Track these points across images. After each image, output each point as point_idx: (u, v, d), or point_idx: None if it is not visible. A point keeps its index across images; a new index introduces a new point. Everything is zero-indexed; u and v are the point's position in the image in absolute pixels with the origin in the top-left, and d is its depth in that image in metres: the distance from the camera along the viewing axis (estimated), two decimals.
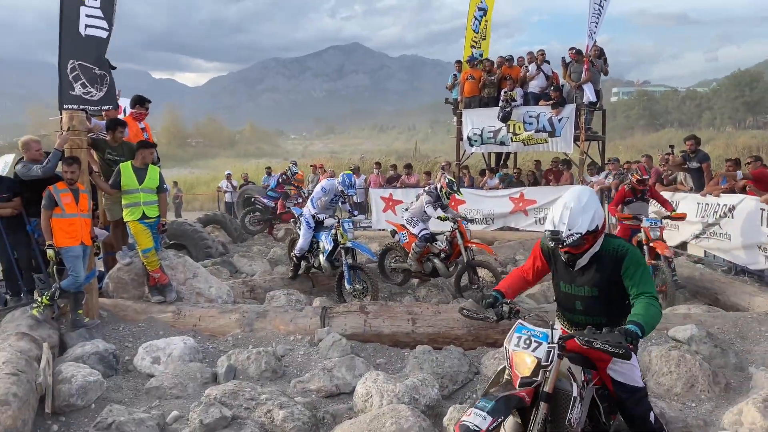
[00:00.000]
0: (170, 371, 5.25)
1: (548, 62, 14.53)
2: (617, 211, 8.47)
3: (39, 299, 6.03)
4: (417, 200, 9.02)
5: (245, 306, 6.79)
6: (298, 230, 8.78)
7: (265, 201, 14.71)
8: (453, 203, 15.26)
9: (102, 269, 7.51)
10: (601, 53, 13.82)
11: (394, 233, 9.10)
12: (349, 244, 7.91)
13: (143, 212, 6.65)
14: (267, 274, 10.11)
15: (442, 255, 8.48)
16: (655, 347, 5.29)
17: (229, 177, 20.79)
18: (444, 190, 8.58)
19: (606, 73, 14.33)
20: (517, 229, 13.74)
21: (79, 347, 5.51)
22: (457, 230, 8.32)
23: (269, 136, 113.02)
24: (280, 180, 14.82)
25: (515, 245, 12.33)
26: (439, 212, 8.68)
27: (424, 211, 8.61)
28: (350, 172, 8.64)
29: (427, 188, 9.12)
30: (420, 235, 8.51)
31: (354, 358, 5.37)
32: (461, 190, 10.49)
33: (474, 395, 5.17)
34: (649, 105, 74.99)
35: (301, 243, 8.42)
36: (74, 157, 6.09)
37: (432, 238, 8.60)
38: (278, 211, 14.35)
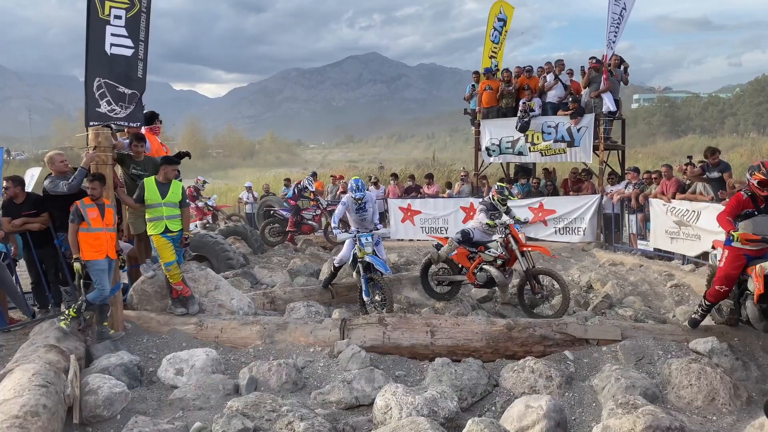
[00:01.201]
0: (193, 383, 5.34)
1: (569, 72, 14.52)
2: (731, 225, 5.70)
3: (66, 312, 6.19)
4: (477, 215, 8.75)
5: (266, 318, 6.87)
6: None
7: (284, 213, 14.87)
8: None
9: (126, 282, 7.66)
10: (621, 62, 13.78)
11: (438, 246, 8.83)
12: (367, 258, 7.84)
13: (166, 226, 6.77)
14: (287, 285, 10.20)
15: (498, 262, 8.09)
16: (675, 360, 5.27)
17: (249, 188, 20.99)
18: (496, 198, 8.44)
19: (626, 83, 14.29)
20: (536, 239, 13.71)
21: (105, 359, 5.64)
22: (510, 235, 7.99)
23: (288, 146, 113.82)
24: (295, 191, 14.98)
25: (535, 255, 12.27)
26: (485, 218, 8.37)
27: (483, 223, 8.36)
28: (358, 177, 8.52)
29: (480, 200, 9.08)
30: (453, 236, 8.38)
31: (373, 371, 5.42)
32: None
33: (493, 407, 5.19)
34: (670, 111, 74.32)
35: (343, 253, 8.37)
36: (96, 175, 6.25)
37: (467, 236, 8.39)
38: (287, 228, 14.55)
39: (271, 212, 15.54)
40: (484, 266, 8.15)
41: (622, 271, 10.99)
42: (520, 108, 14.22)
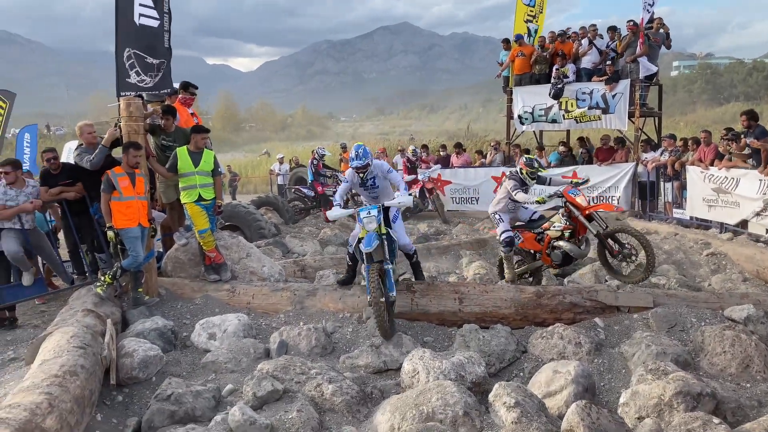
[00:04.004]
0: (225, 347, 5.46)
1: (601, 37, 14.10)
2: None
3: (102, 278, 6.37)
4: (500, 191, 7.71)
5: (296, 285, 6.96)
6: None
7: (305, 191, 15.03)
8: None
9: (161, 250, 7.83)
10: (661, 26, 13.29)
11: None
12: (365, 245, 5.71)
13: (199, 194, 6.86)
14: (317, 254, 10.31)
15: (566, 234, 7.20)
16: (709, 327, 5.17)
17: (281, 160, 21.18)
18: (525, 172, 7.46)
19: (669, 47, 13.77)
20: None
21: (140, 323, 5.80)
22: (567, 203, 7.12)
23: (320, 119, 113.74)
24: (312, 168, 15.06)
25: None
26: (531, 195, 7.53)
27: (512, 200, 7.44)
28: (360, 143, 6.47)
29: (508, 174, 8.01)
30: (501, 239, 7.42)
31: (401, 336, 5.46)
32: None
33: (521, 373, 5.19)
34: (712, 78, 71.72)
35: (353, 233, 6.65)
36: (131, 143, 6.36)
37: (511, 241, 7.45)
38: (310, 208, 14.71)
39: (293, 190, 15.77)
40: (555, 243, 7.29)
41: (657, 239, 10.77)
42: (553, 74, 13.91)
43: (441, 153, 16.54)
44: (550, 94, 13.88)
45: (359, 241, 5.81)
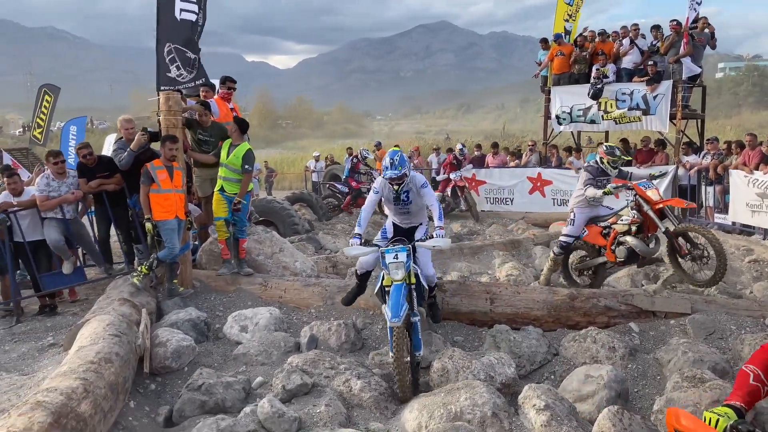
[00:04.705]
0: (256, 339, 5.52)
1: (643, 36, 13.79)
2: None
3: (138, 269, 6.51)
4: (578, 183, 7.28)
5: (327, 280, 7.00)
6: None
7: (339, 187, 15.09)
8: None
9: (196, 242, 7.96)
10: (706, 26, 12.93)
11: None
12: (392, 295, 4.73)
13: (222, 186, 6.91)
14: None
15: (633, 228, 6.67)
16: (749, 335, 5.02)
17: (317, 158, 21.38)
18: (606, 160, 6.90)
19: (713, 47, 13.39)
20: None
21: (174, 314, 5.91)
22: (637, 197, 6.59)
23: (356, 117, 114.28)
24: (350, 165, 15.08)
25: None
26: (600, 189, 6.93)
27: (586, 196, 6.98)
28: (396, 149, 5.56)
29: (584, 165, 7.47)
30: (559, 240, 7.01)
31: (431, 334, 5.44)
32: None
33: (552, 376, 5.12)
34: (759, 81, 69.66)
35: (365, 258, 5.58)
36: (169, 136, 6.48)
37: (568, 247, 7.08)
38: (342, 205, 14.81)
39: (327, 186, 15.86)
40: (621, 238, 6.76)
41: None
42: (593, 74, 13.65)
43: (476, 153, 16.42)
44: (588, 95, 13.63)
45: (382, 285, 4.92)
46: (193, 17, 6.65)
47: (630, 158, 7.55)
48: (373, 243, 5.16)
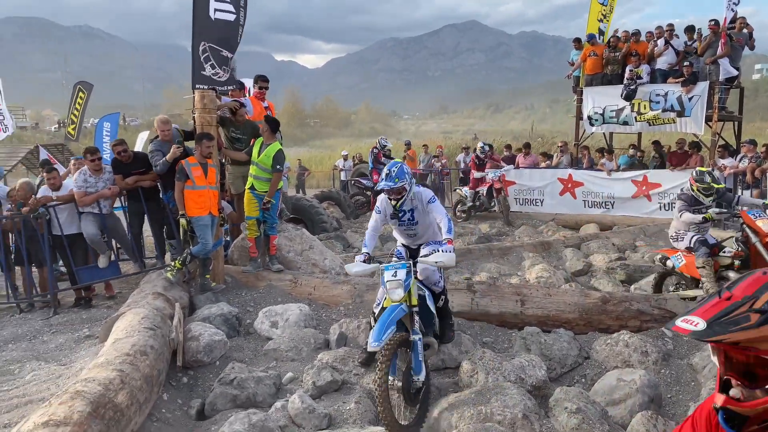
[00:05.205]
0: (287, 335, 5.57)
1: (677, 36, 13.55)
2: None
3: (172, 263, 6.62)
4: (675, 212, 6.78)
5: (356, 278, 7.02)
6: None
7: (365, 182, 15.10)
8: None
9: (228, 239, 8.06)
10: (744, 26, 12.65)
11: (664, 260, 6.80)
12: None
13: (252, 184, 6.96)
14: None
15: (736, 263, 6.15)
16: None
17: (345, 157, 21.46)
18: (696, 188, 6.33)
19: (752, 48, 13.08)
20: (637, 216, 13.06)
21: (206, 309, 5.99)
22: (745, 226, 6.07)
23: (383, 117, 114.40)
24: (372, 157, 15.05)
25: (635, 231, 11.77)
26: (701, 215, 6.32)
27: (683, 221, 6.47)
28: (398, 160, 5.08)
29: (678, 193, 7.08)
30: (694, 242, 6.35)
31: (460, 335, 5.41)
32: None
33: (583, 379, 5.07)
34: None
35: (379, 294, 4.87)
36: (204, 134, 6.57)
37: (707, 242, 6.33)
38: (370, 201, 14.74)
39: (353, 182, 15.89)
40: (723, 273, 6.20)
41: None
42: (626, 75, 13.45)
43: (506, 153, 16.29)
44: (622, 96, 13.44)
45: (382, 309, 4.45)
46: (230, 17, 6.71)
47: (724, 185, 7.08)
48: (376, 260, 4.72)
